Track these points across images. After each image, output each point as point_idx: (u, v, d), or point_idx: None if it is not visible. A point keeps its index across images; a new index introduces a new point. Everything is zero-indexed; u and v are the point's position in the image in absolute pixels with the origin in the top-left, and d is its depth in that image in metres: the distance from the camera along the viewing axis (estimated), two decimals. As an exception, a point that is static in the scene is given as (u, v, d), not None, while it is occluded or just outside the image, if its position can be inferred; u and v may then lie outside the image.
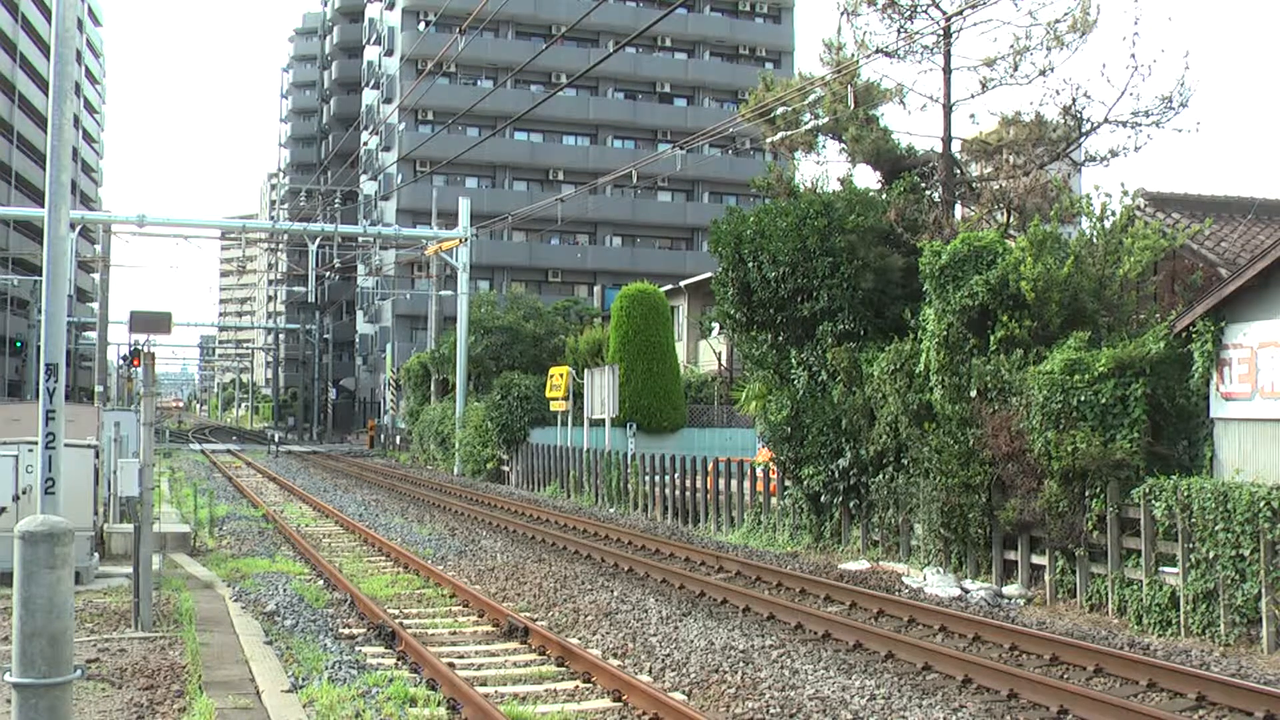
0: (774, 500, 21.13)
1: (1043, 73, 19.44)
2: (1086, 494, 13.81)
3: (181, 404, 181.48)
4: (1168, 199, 17.87)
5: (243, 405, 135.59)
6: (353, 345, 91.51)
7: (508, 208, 57.87)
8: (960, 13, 19.32)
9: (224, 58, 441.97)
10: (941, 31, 19.62)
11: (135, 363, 50.37)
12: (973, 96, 20.23)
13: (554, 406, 34.39)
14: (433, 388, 49.65)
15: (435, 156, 66.97)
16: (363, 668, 10.56)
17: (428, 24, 71.66)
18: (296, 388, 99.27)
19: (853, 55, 20.94)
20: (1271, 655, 11.29)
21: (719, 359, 42.40)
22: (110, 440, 18.83)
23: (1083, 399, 13.67)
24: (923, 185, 20.55)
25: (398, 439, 58.25)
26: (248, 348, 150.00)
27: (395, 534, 21.92)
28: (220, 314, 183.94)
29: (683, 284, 46.52)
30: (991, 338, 15.47)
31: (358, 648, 11.62)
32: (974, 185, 21.06)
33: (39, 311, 64.02)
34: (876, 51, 20.27)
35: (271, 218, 79.97)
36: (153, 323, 19.55)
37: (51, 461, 10.07)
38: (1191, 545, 12.34)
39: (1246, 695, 9.50)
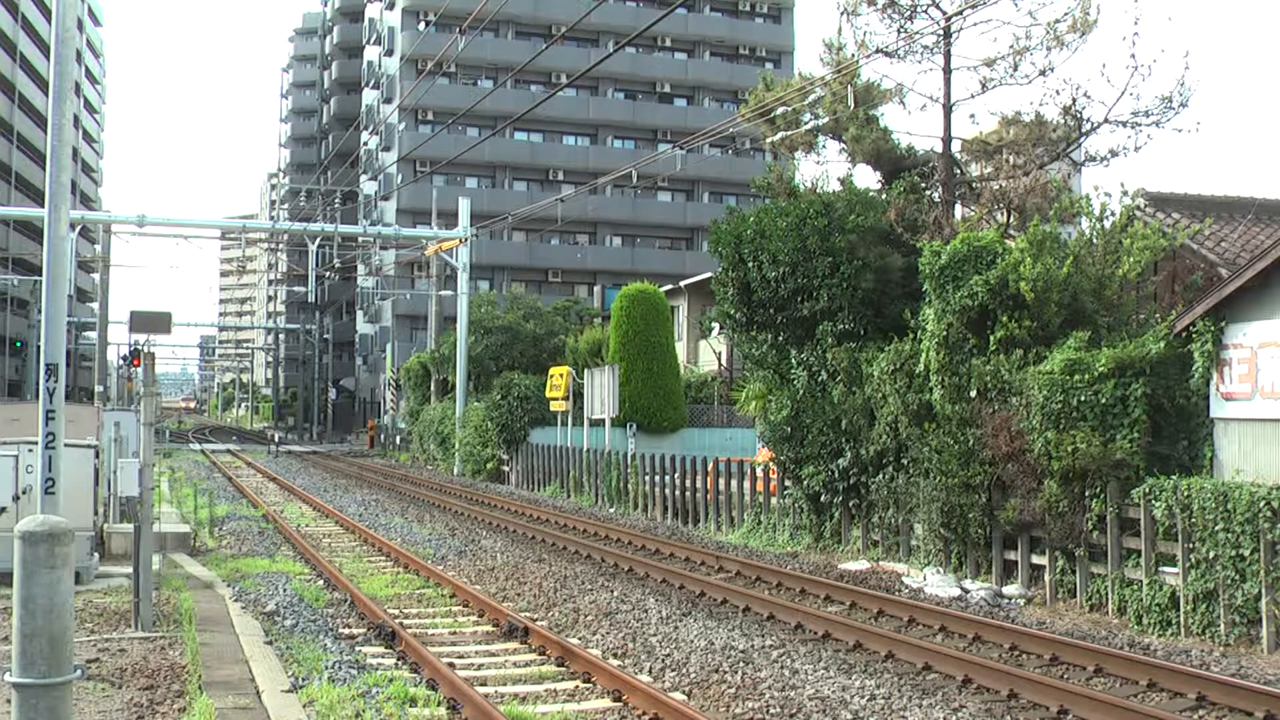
0: (774, 500, 21.13)
1: (1043, 73, 19.45)
2: (1086, 494, 13.81)
3: (193, 404, 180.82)
4: (1168, 199, 17.87)
5: (243, 405, 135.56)
6: (353, 345, 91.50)
7: (508, 208, 57.85)
8: (960, 13, 19.33)
9: (224, 58, 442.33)
10: (941, 31, 19.62)
11: (135, 363, 50.36)
12: (973, 96, 20.25)
13: (554, 406, 34.38)
14: (433, 388, 49.65)
15: (435, 156, 66.96)
16: (363, 668, 10.56)
17: (428, 24, 71.65)
18: (296, 388, 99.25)
19: (853, 55, 20.94)
20: (1271, 655, 11.29)
21: (719, 359, 42.40)
22: (110, 440, 18.83)
23: (1083, 399, 13.67)
24: (923, 185, 20.56)
25: (398, 439, 58.24)
26: (248, 348, 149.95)
27: (395, 534, 21.92)
28: (220, 314, 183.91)
29: (683, 284, 46.52)
30: (991, 338, 15.47)
31: (358, 648, 11.62)
32: (974, 185, 21.06)
33: (39, 311, 64.01)
34: (876, 51, 20.27)
35: (271, 218, 79.95)
36: (153, 323, 19.58)
37: (51, 461, 10.08)
38: (1191, 545, 12.34)
39: (1246, 695, 9.51)
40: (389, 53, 78.33)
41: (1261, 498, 11.48)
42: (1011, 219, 19.77)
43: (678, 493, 24.80)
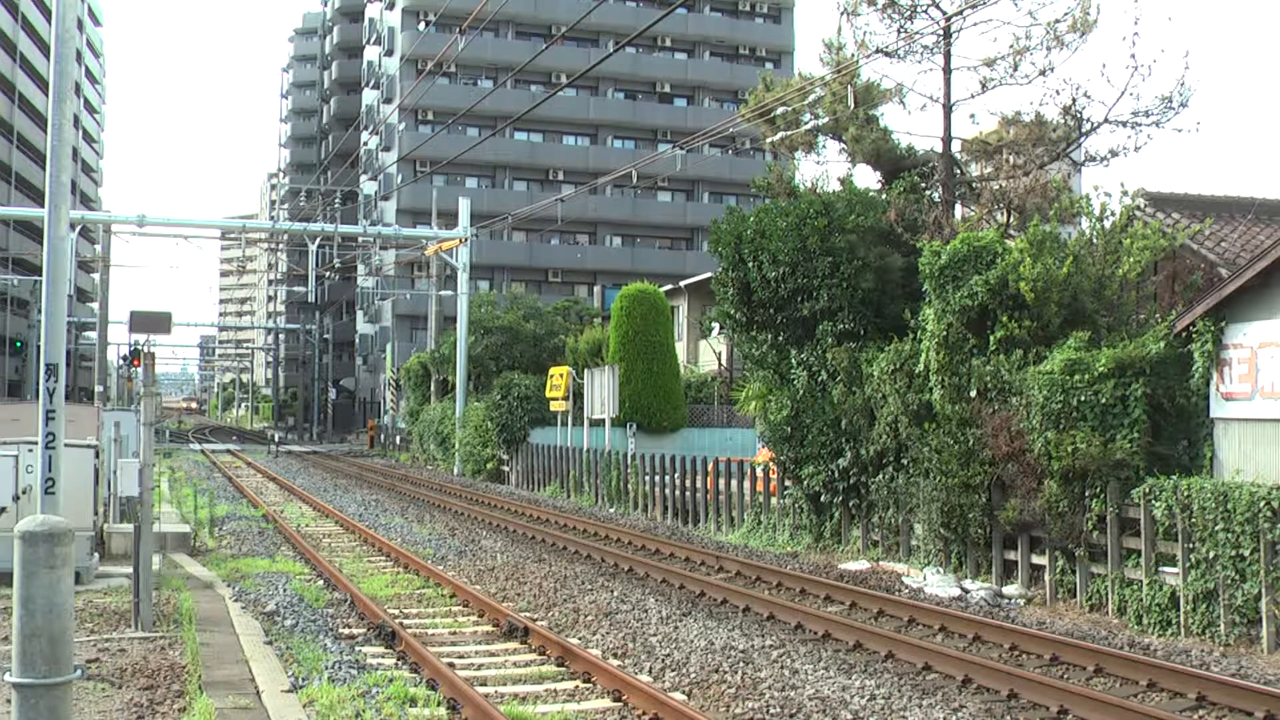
0: (774, 500, 21.13)
1: (1043, 73, 19.44)
2: (1086, 494, 13.81)
3: (194, 404, 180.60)
4: (1168, 199, 17.87)
5: (243, 405, 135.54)
6: (353, 345, 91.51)
7: (508, 208, 57.84)
8: (960, 13, 19.32)
9: (224, 58, 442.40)
10: (941, 31, 19.61)
11: (135, 363, 50.39)
12: (973, 96, 20.24)
13: (554, 406, 34.39)
14: (433, 388, 49.65)
15: (435, 156, 66.96)
16: (363, 668, 10.56)
17: (428, 24, 71.64)
18: (296, 388, 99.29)
19: (853, 55, 20.93)
20: (1271, 655, 11.29)
21: (719, 359, 42.40)
22: (110, 440, 18.82)
23: (1083, 399, 13.67)
24: (923, 185, 20.55)
25: (398, 439, 58.24)
26: (248, 348, 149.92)
27: (395, 534, 21.92)
28: (220, 314, 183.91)
29: (683, 284, 46.51)
30: (991, 338, 15.47)
31: (358, 648, 11.62)
32: (974, 185, 21.06)
33: (39, 311, 64.01)
34: (876, 51, 20.26)
35: (271, 218, 79.94)
36: (153, 323, 19.59)
37: (51, 461, 10.07)
38: (1191, 545, 12.34)
39: (1246, 695, 9.51)
40: (389, 53, 78.33)
41: (1261, 498, 11.48)
42: (1011, 219, 19.76)
43: (678, 493, 24.79)
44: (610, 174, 42.61)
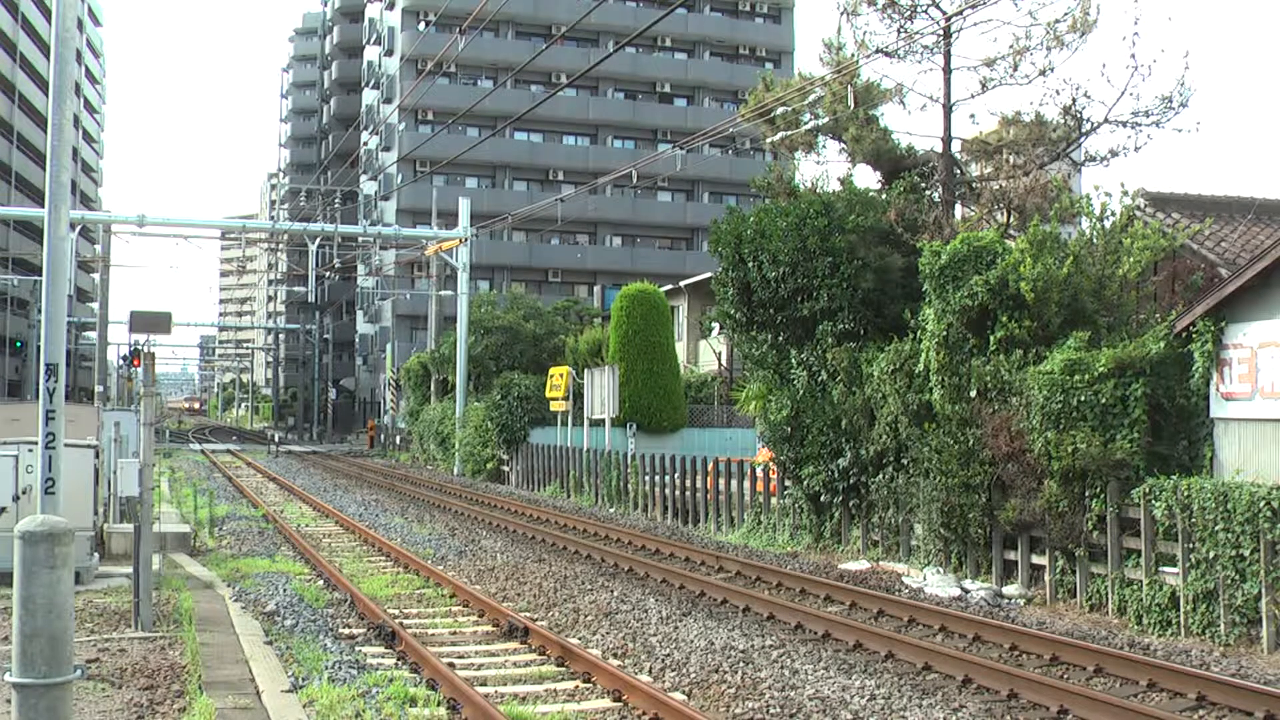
0: (774, 500, 21.13)
1: (1043, 73, 19.45)
2: (1086, 494, 13.81)
3: (196, 404, 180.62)
4: (1168, 199, 17.86)
5: (243, 405, 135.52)
6: (353, 345, 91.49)
7: (508, 208, 57.82)
8: (960, 13, 19.33)
9: (224, 58, 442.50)
10: (941, 31, 19.62)
11: (135, 363, 50.37)
12: (973, 96, 20.25)
13: (554, 406, 34.38)
14: (433, 388, 49.65)
15: (435, 156, 66.94)
16: (363, 668, 10.56)
17: (428, 24, 71.64)
18: (296, 388, 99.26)
19: (853, 55, 20.94)
20: (1271, 655, 11.29)
21: (719, 359, 42.40)
22: (110, 440, 18.83)
23: (1083, 399, 13.67)
24: (923, 185, 20.56)
25: (398, 439, 58.24)
26: (248, 348, 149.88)
27: (395, 534, 21.92)
28: (220, 314, 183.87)
29: (683, 284, 46.51)
30: (991, 338, 15.47)
31: (358, 648, 11.62)
32: (974, 185, 21.06)
33: (39, 311, 63.98)
34: (876, 51, 20.27)
35: (271, 218, 79.88)
36: (153, 323, 19.57)
37: (51, 461, 10.07)
38: (1191, 545, 12.34)
39: (1246, 695, 9.51)
40: (389, 53, 78.31)
41: (1261, 498, 11.48)
42: (1011, 219, 19.76)
43: (678, 493, 24.79)
44: (610, 174, 42.58)
